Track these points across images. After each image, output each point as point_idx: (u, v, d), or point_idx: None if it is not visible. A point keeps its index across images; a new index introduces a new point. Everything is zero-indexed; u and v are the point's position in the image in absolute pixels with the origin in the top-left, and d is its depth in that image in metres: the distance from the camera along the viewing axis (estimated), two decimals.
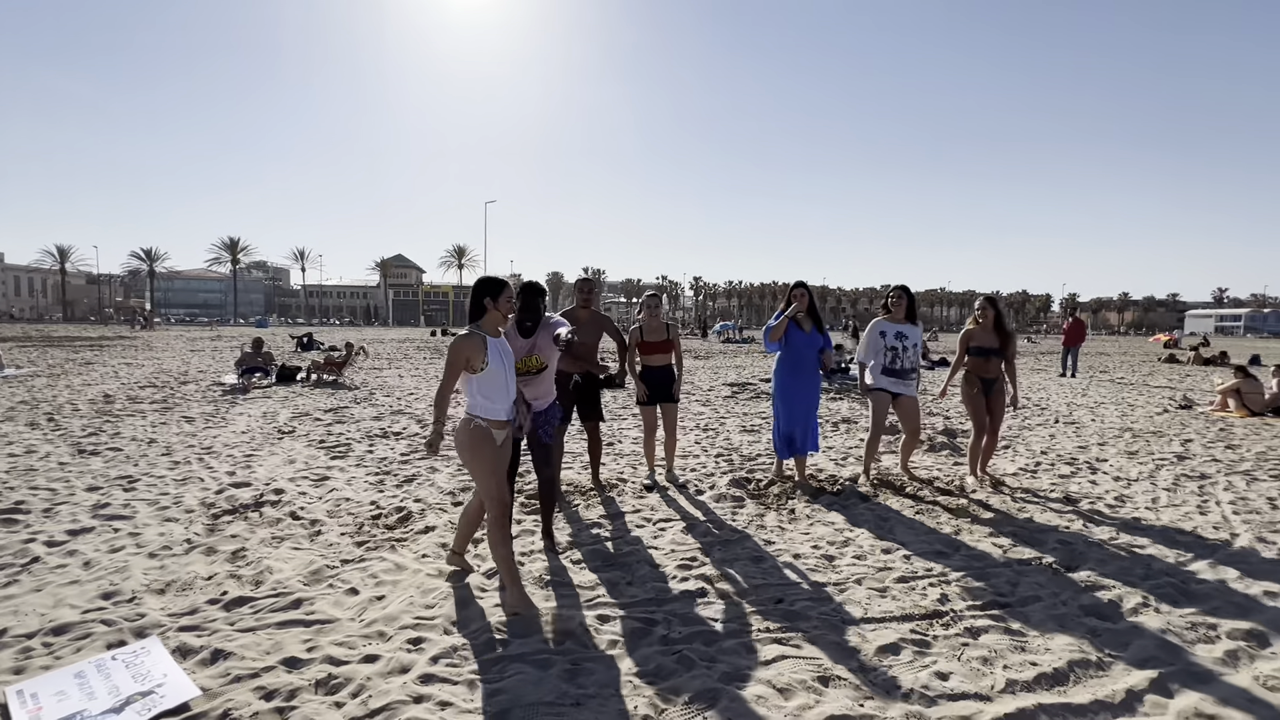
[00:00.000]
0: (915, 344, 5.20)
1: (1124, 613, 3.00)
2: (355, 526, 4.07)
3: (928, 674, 2.44)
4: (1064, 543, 3.90)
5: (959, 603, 3.06)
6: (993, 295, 5.59)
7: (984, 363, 5.27)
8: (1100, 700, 2.28)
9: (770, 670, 2.46)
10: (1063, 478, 5.55)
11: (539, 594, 3.14)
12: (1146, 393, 12.43)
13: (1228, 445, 7.10)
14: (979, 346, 5.30)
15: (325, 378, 12.06)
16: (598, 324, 4.79)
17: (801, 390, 5.08)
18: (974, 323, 5.38)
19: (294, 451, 6.18)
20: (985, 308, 5.37)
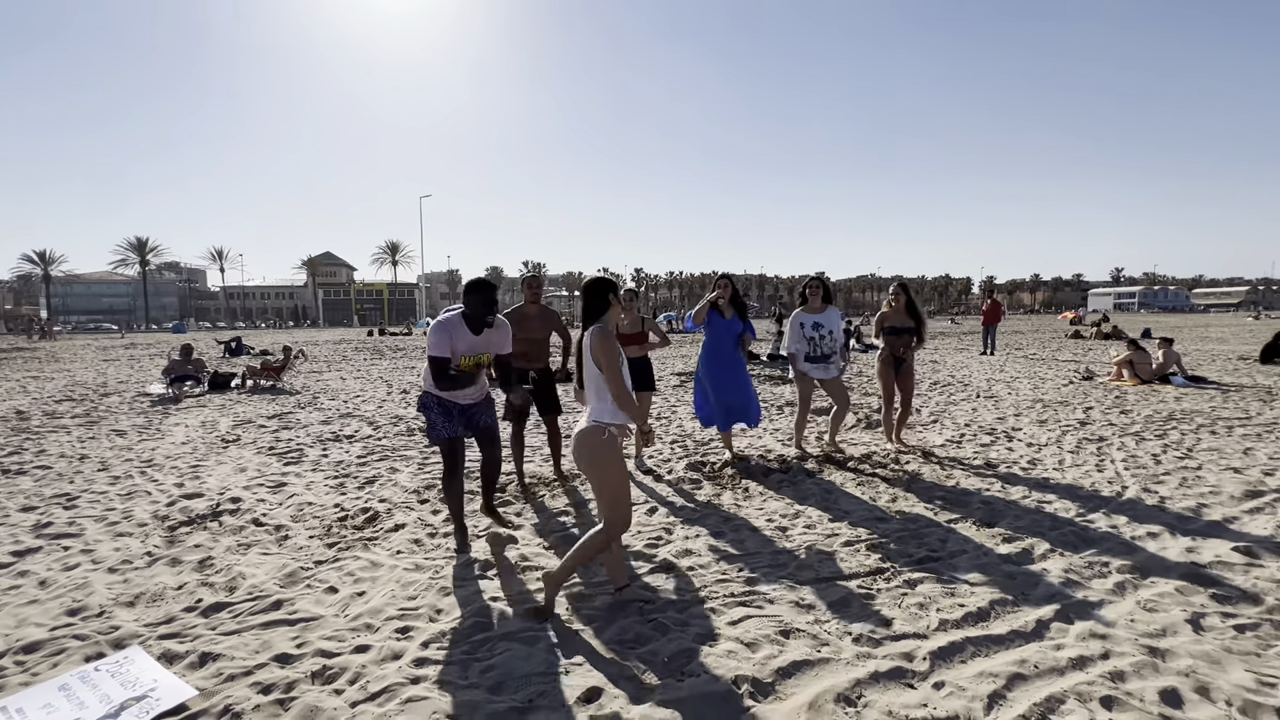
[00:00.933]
0: (831, 330, 5.70)
1: (1034, 558, 3.45)
2: (323, 529, 4.09)
3: (873, 622, 2.77)
4: (985, 503, 4.38)
5: (898, 560, 3.43)
6: (904, 282, 6.17)
7: (898, 341, 5.95)
8: (1015, 630, 2.67)
9: (738, 629, 2.73)
10: (984, 446, 6.13)
11: (515, 579, 3.30)
12: (1055, 366, 13.60)
13: (1122, 411, 7.96)
14: (892, 326, 5.96)
15: (263, 383, 11.62)
16: (547, 319, 4.93)
17: (723, 372, 5.47)
18: (888, 306, 6.00)
19: (243, 460, 6.04)
20: (898, 293, 5.99)
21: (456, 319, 3.62)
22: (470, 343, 3.62)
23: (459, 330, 3.59)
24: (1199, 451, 5.77)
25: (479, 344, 3.66)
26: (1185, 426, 6.91)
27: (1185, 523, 3.95)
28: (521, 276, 4.97)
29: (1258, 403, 8.45)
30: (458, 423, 3.78)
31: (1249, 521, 3.96)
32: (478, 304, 3.57)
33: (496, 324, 3.71)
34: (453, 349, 3.57)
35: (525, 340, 4.83)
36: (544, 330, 4.92)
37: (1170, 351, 10.96)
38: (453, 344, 3.56)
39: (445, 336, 3.55)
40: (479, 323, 3.60)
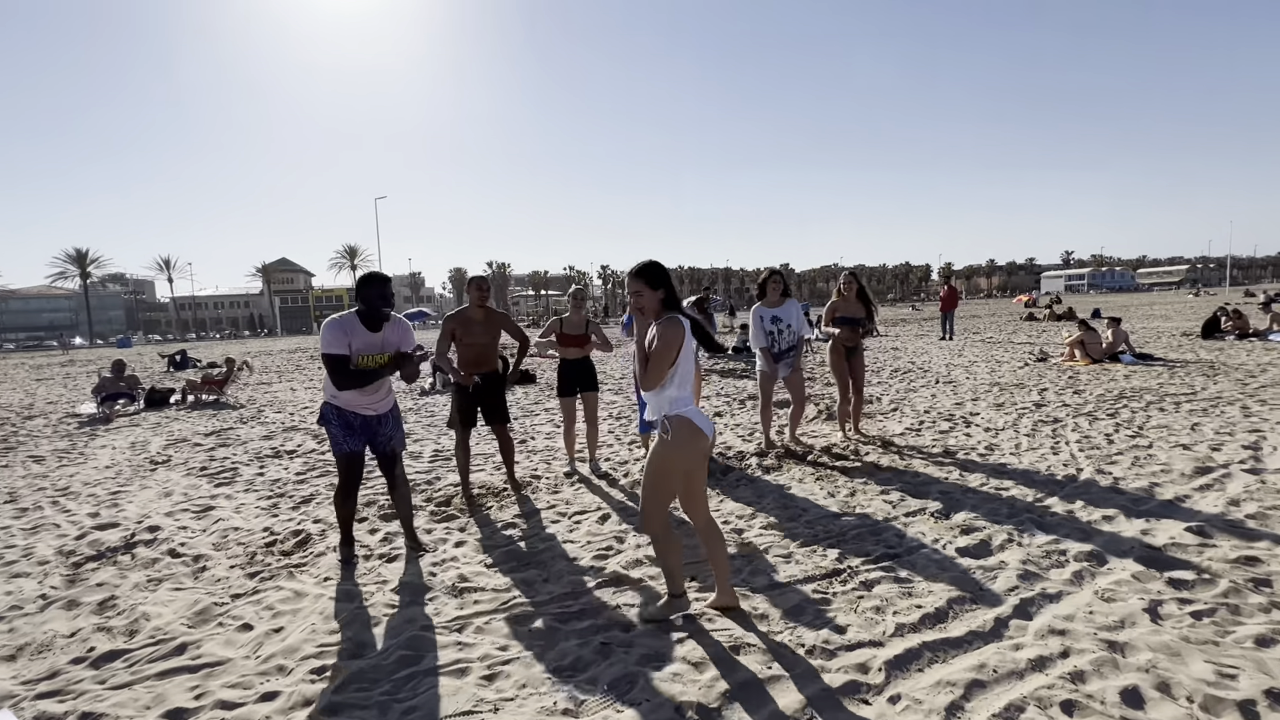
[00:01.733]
0: (790, 324, 5.59)
1: (993, 549, 3.36)
2: (246, 557, 3.78)
3: (828, 630, 2.62)
4: (944, 493, 4.30)
5: (854, 559, 3.30)
6: (854, 271, 6.09)
7: (849, 332, 5.90)
8: (974, 631, 2.55)
9: (685, 647, 2.55)
10: (942, 433, 6.10)
11: (452, 603, 3.07)
12: (1011, 349, 13.85)
13: (1075, 391, 8.07)
14: (843, 317, 5.89)
15: (204, 398, 11.03)
16: (495, 323, 4.68)
17: None
18: (838, 295, 5.93)
19: (170, 483, 5.63)
20: (849, 282, 5.92)
21: (351, 316, 3.41)
22: (367, 340, 3.40)
23: (354, 327, 3.38)
24: (1149, 429, 5.83)
25: (376, 342, 3.44)
26: (1135, 404, 7.02)
27: (1139, 504, 3.92)
28: (470, 277, 4.64)
29: (1201, 378, 8.68)
30: (360, 436, 3.56)
31: (1200, 499, 3.95)
32: (372, 298, 3.37)
33: (395, 320, 3.53)
34: (349, 345, 3.35)
35: (471, 346, 4.57)
36: (490, 335, 4.65)
37: (1119, 330, 11.23)
38: (349, 340, 3.34)
39: (340, 333, 3.33)
40: (375, 319, 3.41)
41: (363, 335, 3.40)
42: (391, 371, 3.48)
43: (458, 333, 4.57)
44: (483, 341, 4.62)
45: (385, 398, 3.66)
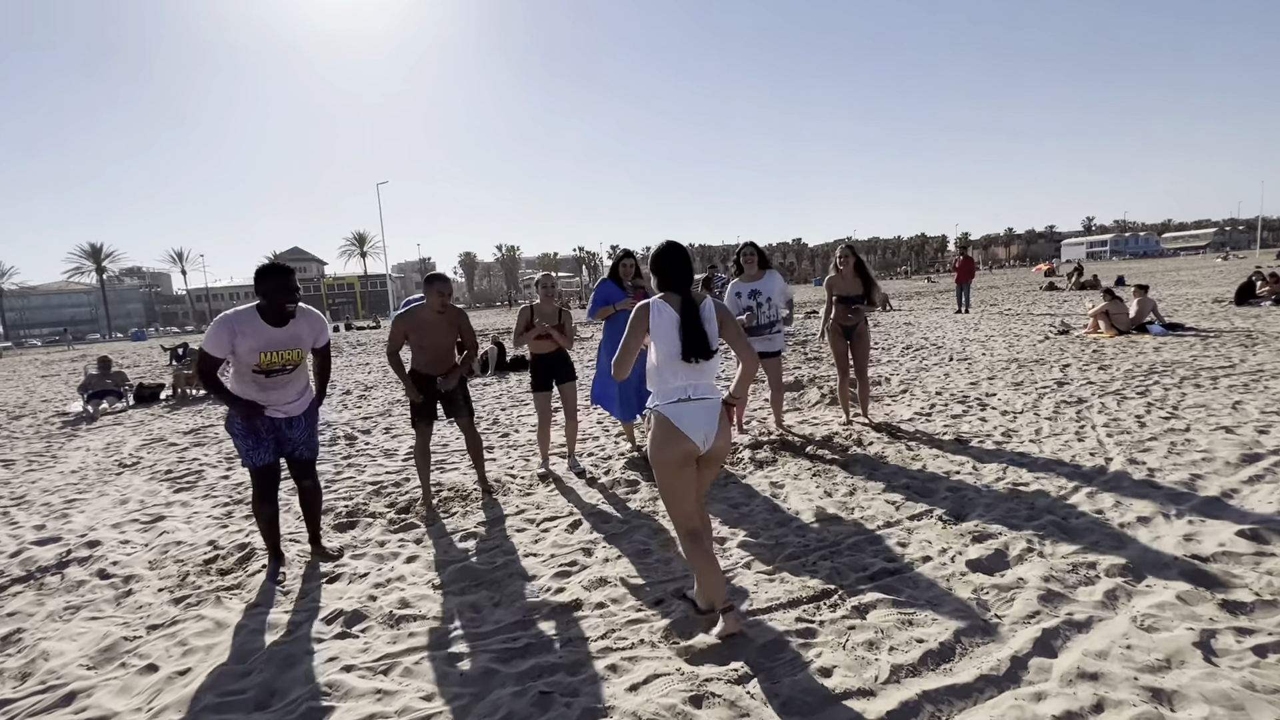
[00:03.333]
0: (770, 298, 5.20)
1: (1009, 560, 2.91)
2: (178, 578, 3.44)
3: (810, 672, 2.20)
4: (954, 490, 3.84)
5: (849, 574, 2.87)
6: (851, 243, 5.58)
7: (845, 310, 5.40)
8: (985, 675, 2.11)
9: (638, 696, 2.15)
10: (955, 418, 5.61)
11: (386, 635, 2.69)
12: (1030, 322, 13.18)
13: (1100, 366, 7.50)
14: (842, 295, 5.42)
15: (195, 393, 10.79)
16: (451, 324, 4.22)
17: None
18: (835, 270, 5.44)
19: (130, 489, 5.33)
20: (845, 256, 5.40)
21: (248, 311, 3.10)
22: (268, 338, 3.10)
23: (249, 324, 3.06)
24: (1185, 409, 5.29)
25: (281, 339, 3.14)
26: (1168, 380, 6.45)
27: (1179, 500, 3.44)
28: (429, 276, 4.15)
29: (1239, 348, 8.05)
30: (268, 445, 3.29)
31: (1250, 495, 3.46)
32: (272, 291, 3.06)
33: (305, 313, 3.24)
34: (236, 348, 3.04)
35: (425, 349, 4.15)
36: (449, 336, 4.23)
37: (1146, 299, 10.55)
38: (235, 341, 3.03)
39: (226, 333, 3.02)
40: (278, 314, 3.10)
41: (262, 333, 3.10)
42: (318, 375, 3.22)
43: (410, 336, 4.14)
44: (440, 343, 4.19)
45: (298, 399, 3.36)
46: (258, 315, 3.10)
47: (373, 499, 4.55)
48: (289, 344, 3.19)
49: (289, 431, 3.35)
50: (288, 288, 3.14)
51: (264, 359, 3.13)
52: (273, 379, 3.21)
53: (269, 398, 3.26)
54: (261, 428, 3.25)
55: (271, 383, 3.22)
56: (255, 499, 3.36)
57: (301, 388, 3.43)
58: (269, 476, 3.33)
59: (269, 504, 3.37)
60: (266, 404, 3.25)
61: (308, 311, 3.33)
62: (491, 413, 7.52)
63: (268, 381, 3.21)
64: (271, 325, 3.12)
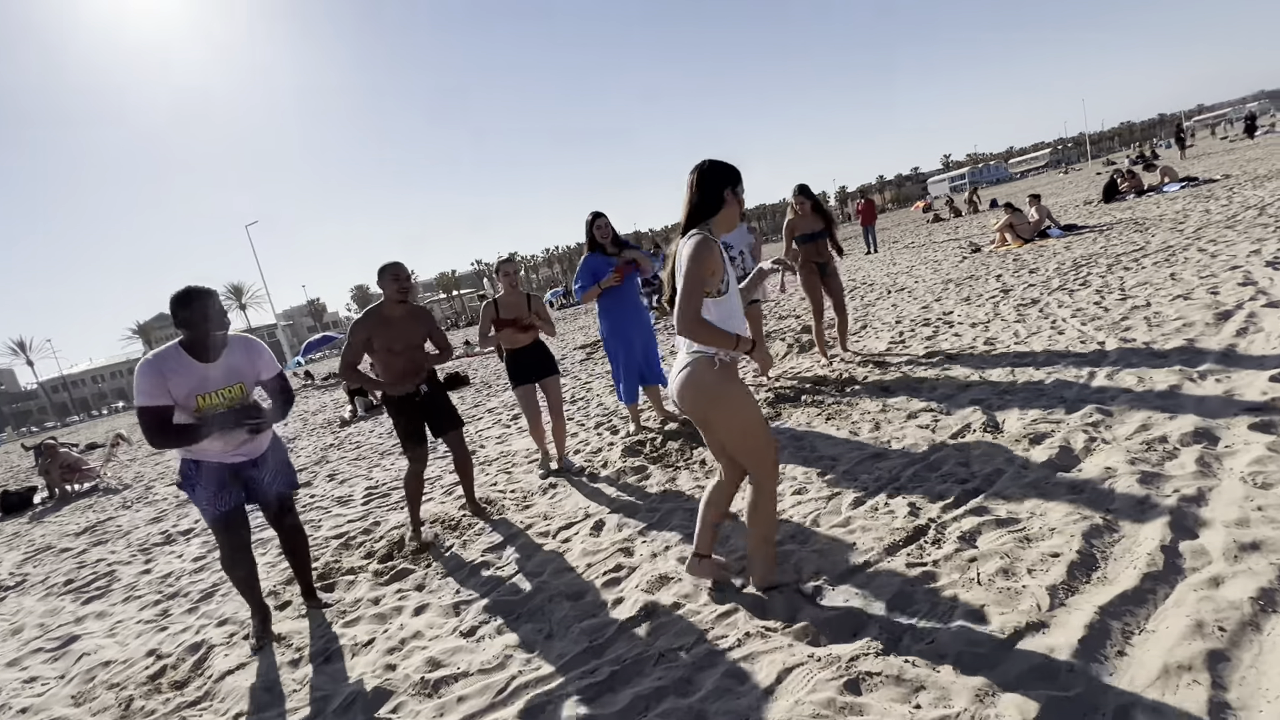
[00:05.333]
0: (741, 250, 5.14)
1: (1078, 454, 2.75)
2: (121, 708, 2.67)
3: (963, 620, 1.89)
4: (979, 401, 3.69)
5: (932, 508, 2.61)
6: (804, 185, 5.46)
7: (814, 248, 5.45)
8: (1147, 574, 1.88)
9: (783, 700, 1.75)
10: (930, 339, 5.57)
11: (428, 707, 2.14)
12: (939, 249, 13.81)
13: (1030, 270, 7.82)
14: (805, 234, 5.44)
15: (75, 489, 9.21)
16: (418, 320, 3.63)
17: (630, 316, 4.69)
18: (793, 212, 5.43)
19: (21, 614, 4.29)
20: (800, 198, 5.38)
21: (172, 349, 2.60)
22: (202, 376, 2.60)
23: (175, 363, 2.56)
24: (1132, 289, 5.51)
25: (215, 376, 2.64)
26: (1097, 269, 6.77)
27: (1191, 362, 3.45)
28: (382, 267, 3.50)
29: (1138, 234, 8.66)
30: (230, 491, 2.79)
31: (1251, 343, 3.52)
32: (193, 320, 2.55)
33: (238, 341, 2.76)
34: (171, 392, 2.53)
35: (398, 354, 3.50)
36: (418, 335, 3.60)
37: (1041, 207, 11.25)
38: (169, 385, 2.52)
39: (156, 377, 2.51)
40: (205, 346, 2.59)
41: (192, 371, 2.58)
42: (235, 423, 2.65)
43: (375, 341, 3.48)
44: (411, 344, 3.57)
45: (256, 439, 2.82)
46: (183, 352, 2.61)
47: (343, 554, 3.85)
48: (226, 380, 2.68)
49: (254, 471, 2.86)
50: (207, 315, 2.59)
51: (201, 402, 2.62)
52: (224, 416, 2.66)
53: (222, 444, 2.71)
54: (224, 474, 2.76)
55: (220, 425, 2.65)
56: (225, 559, 2.88)
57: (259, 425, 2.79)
58: (237, 523, 2.82)
59: (242, 555, 2.88)
60: (222, 449, 2.73)
61: (244, 340, 2.81)
62: None
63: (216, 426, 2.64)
64: (200, 361, 2.61)
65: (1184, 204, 10.65)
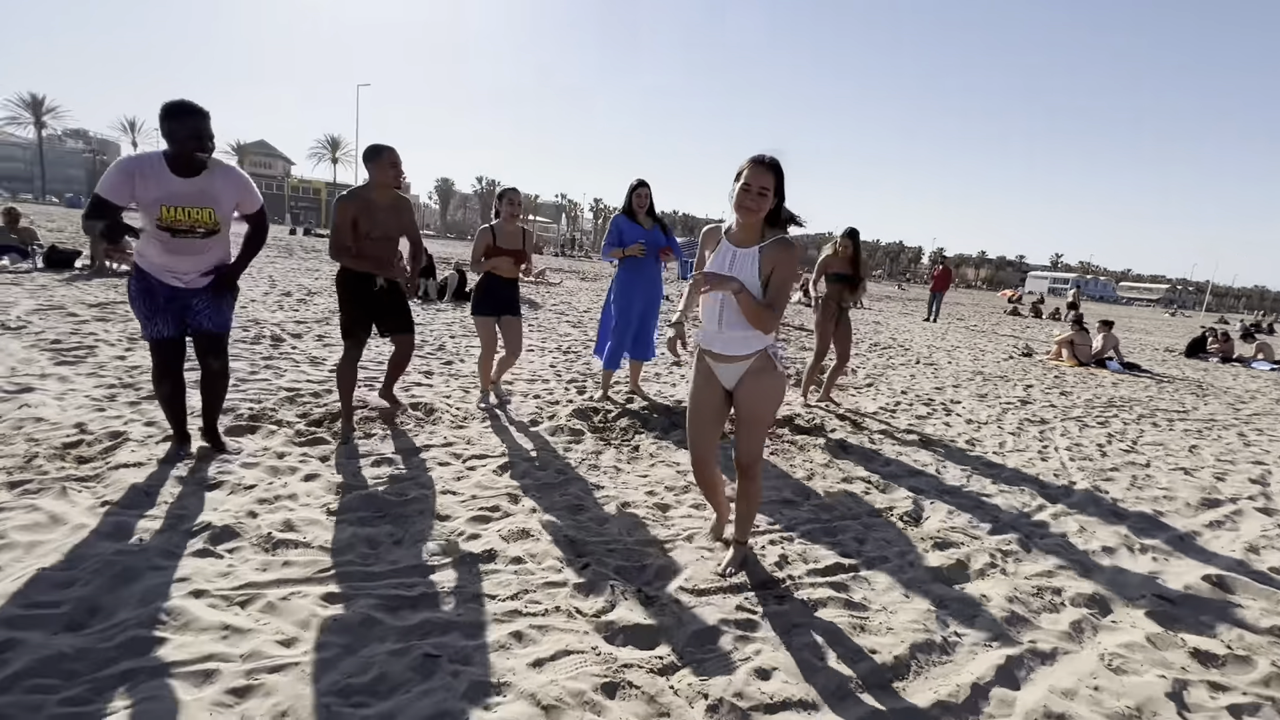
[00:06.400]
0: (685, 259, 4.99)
1: (971, 574, 2.66)
2: (24, 459, 2.89)
3: (746, 672, 1.89)
4: (917, 490, 3.59)
5: (799, 565, 2.58)
6: (854, 230, 5.33)
7: (839, 290, 5.39)
8: (943, 702, 1.84)
9: (542, 675, 1.80)
10: (920, 418, 5.40)
11: (256, 559, 2.26)
12: (995, 340, 13.27)
13: (1062, 392, 7.46)
14: (837, 273, 5.38)
15: (115, 267, 9.79)
16: (401, 212, 3.60)
17: (641, 287, 4.71)
18: (833, 250, 5.31)
19: (5, 354, 4.64)
20: (846, 243, 5.43)
21: (154, 155, 2.71)
22: (170, 190, 2.70)
23: (151, 169, 2.67)
24: (1144, 445, 5.21)
25: (187, 192, 2.74)
26: (1126, 415, 6.42)
27: (1143, 533, 3.27)
28: (379, 146, 3.48)
29: (1191, 396, 8.15)
30: (166, 317, 2.93)
31: (1212, 539, 3.32)
32: (180, 132, 2.65)
33: (222, 169, 2.84)
34: (138, 195, 2.65)
35: (375, 240, 3.51)
36: (396, 228, 3.58)
37: (1110, 335, 10.65)
38: (135, 187, 2.64)
39: (124, 177, 2.64)
40: (186, 162, 2.69)
41: (165, 182, 2.70)
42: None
43: (360, 222, 3.49)
44: (386, 235, 3.55)
45: (201, 263, 2.93)
46: (163, 161, 2.71)
47: (283, 406, 4.03)
48: (197, 200, 2.78)
49: (190, 300, 2.96)
50: (198, 132, 2.71)
51: (165, 213, 2.74)
52: (179, 242, 2.81)
53: (174, 263, 2.86)
54: (160, 293, 2.88)
55: (178, 246, 2.82)
56: (154, 374, 3.06)
57: (214, 263, 2.99)
58: (168, 350, 2.99)
59: (169, 379, 3.05)
60: (171, 270, 2.87)
61: (227, 169, 2.90)
62: (439, 338, 6.98)
63: (174, 243, 2.81)
64: (177, 175, 2.72)
65: (1261, 386, 9.93)
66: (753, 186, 2.05)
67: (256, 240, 3.15)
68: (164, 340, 2.97)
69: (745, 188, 2.06)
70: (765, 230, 2.17)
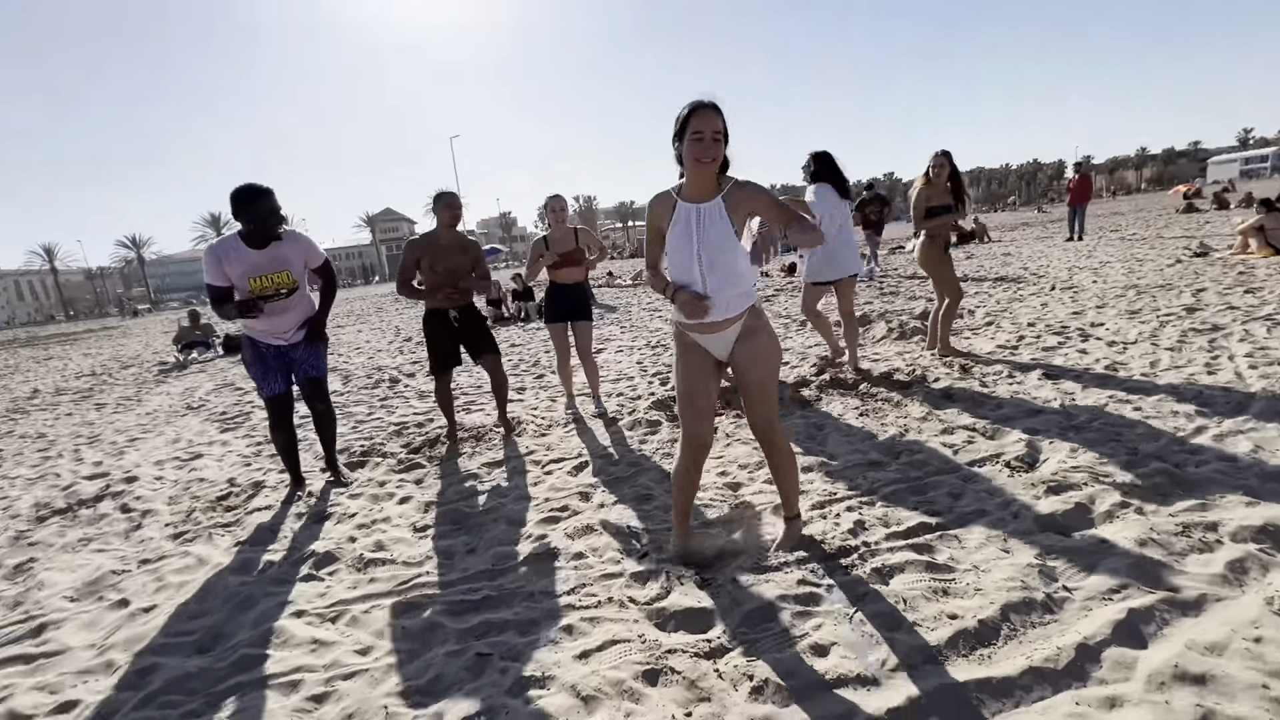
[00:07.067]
0: (829, 215, 4.50)
1: (1095, 518, 2.27)
2: (185, 514, 3.43)
3: (799, 650, 1.75)
4: (1034, 431, 3.14)
5: (877, 530, 2.35)
6: (947, 150, 4.66)
7: (945, 223, 4.70)
8: (1036, 668, 1.57)
9: (585, 666, 1.79)
10: (1047, 350, 4.73)
11: (349, 579, 2.49)
12: (1159, 246, 11.30)
13: (1247, 290, 6.17)
14: (938, 206, 4.65)
15: None
16: (464, 249, 3.91)
17: None
18: (925, 180, 4.66)
19: (185, 429, 5.56)
20: (940, 163, 4.61)
21: (231, 238, 3.14)
22: (252, 262, 3.13)
23: (233, 250, 3.11)
24: None
25: (266, 262, 3.16)
26: None
27: None
28: (437, 194, 3.86)
29: None
30: (276, 375, 3.40)
31: None
32: (247, 216, 3.08)
33: (288, 237, 3.23)
34: (226, 274, 3.10)
35: (444, 273, 3.86)
36: (461, 263, 3.91)
37: None
38: (225, 268, 3.09)
39: (214, 260, 3.10)
40: (259, 237, 3.12)
41: (245, 257, 3.12)
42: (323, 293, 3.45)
43: (424, 261, 3.85)
44: (453, 268, 3.89)
45: (293, 322, 3.37)
46: (239, 240, 3.14)
47: (391, 439, 4.43)
48: (273, 266, 3.20)
49: (293, 354, 3.41)
50: (262, 213, 3.11)
51: (254, 284, 3.18)
52: (271, 305, 3.23)
53: (273, 324, 3.31)
54: (269, 354, 3.36)
55: (271, 308, 3.25)
56: (271, 427, 3.52)
57: (301, 317, 3.43)
58: (281, 404, 3.45)
59: (282, 431, 3.51)
60: (272, 331, 3.33)
61: (292, 234, 3.32)
62: (535, 354, 7.31)
63: (268, 307, 3.23)
64: (253, 249, 3.15)
65: None
66: (705, 133, 1.91)
67: (329, 289, 3.58)
68: (277, 395, 3.43)
69: (698, 136, 1.92)
70: (719, 179, 2.03)
